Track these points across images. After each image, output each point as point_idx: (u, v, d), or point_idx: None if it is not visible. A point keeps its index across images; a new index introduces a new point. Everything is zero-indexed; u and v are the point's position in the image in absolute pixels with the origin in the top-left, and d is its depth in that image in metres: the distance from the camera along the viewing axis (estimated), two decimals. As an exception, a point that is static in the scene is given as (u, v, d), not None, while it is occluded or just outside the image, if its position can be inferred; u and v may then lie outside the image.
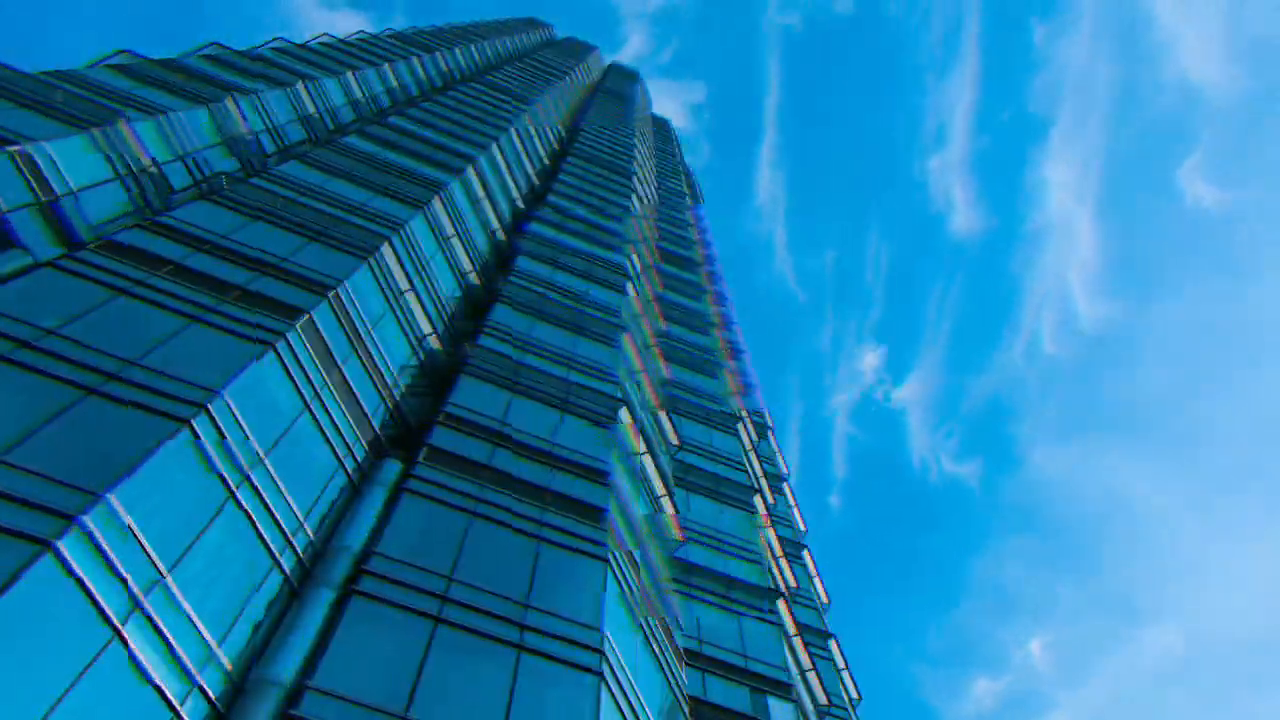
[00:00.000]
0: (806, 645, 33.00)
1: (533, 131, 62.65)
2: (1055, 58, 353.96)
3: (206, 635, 15.61)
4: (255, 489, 18.24)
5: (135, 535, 14.92)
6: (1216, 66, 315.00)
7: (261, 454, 18.83)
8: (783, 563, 36.62)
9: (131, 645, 14.14)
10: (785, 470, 51.90)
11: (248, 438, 18.60)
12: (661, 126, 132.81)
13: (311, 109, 44.20)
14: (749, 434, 45.23)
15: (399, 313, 28.04)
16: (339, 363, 23.35)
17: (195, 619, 15.51)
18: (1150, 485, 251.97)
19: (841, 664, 35.88)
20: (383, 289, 27.56)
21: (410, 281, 29.81)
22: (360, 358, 24.56)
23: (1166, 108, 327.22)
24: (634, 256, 49.56)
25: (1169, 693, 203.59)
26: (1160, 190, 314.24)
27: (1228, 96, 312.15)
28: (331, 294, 24.20)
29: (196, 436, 17.19)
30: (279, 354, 20.85)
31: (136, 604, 14.50)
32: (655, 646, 22.18)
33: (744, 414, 47.13)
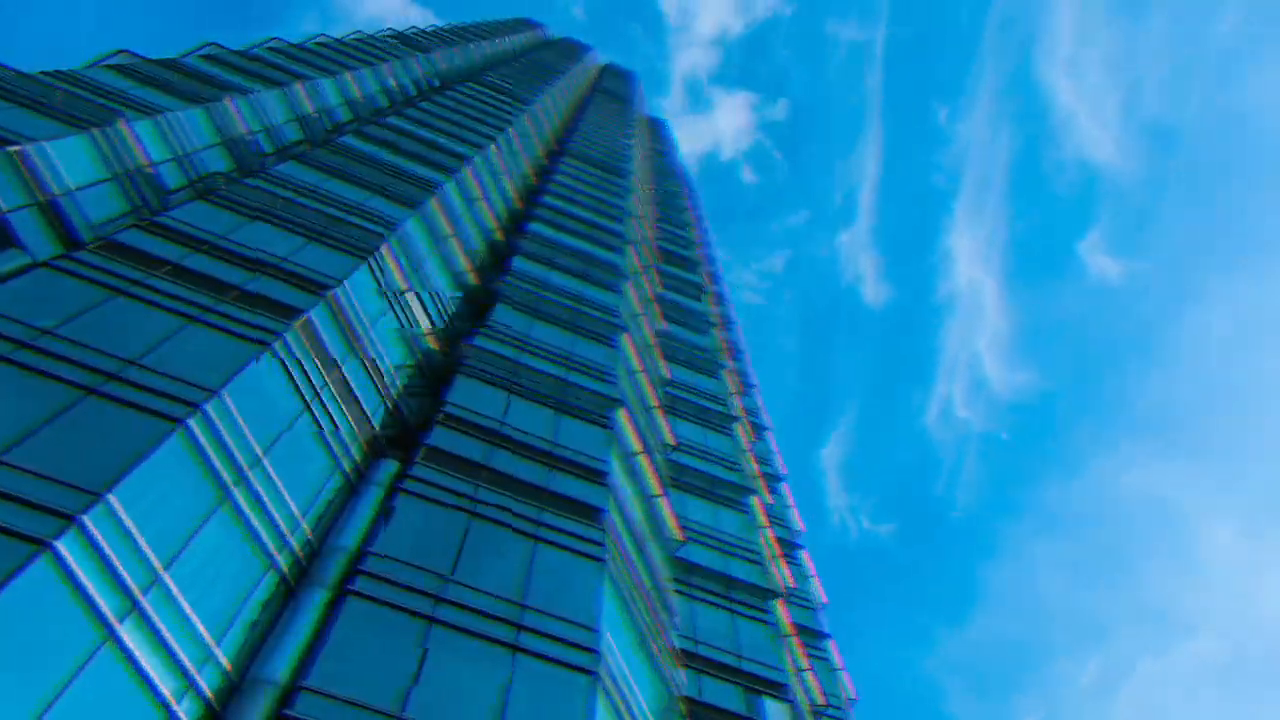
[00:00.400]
0: (804, 645, 33.07)
1: (530, 131, 62.70)
2: (956, 136, 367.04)
3: (204, 634, 15.66)
4: (253, 489, 18.29)
5: (133, 535, 14.97)
6: (1113, 145, 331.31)
7: (259, 454, 18.88)
8: (780, 563, 36.68)
9: (128, 644, 14.18)
10: (783, 471, 51.94)
11: (246, 438, 18.65)
12: (657, 127, 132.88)
13: (309, 109, 44.24)
14: (746, 434, 45.30)
15: (397, 312, 28.08)
16: (337, 363, 23.40)
17: (193, 618, 15.56)
18: (1180, 494, 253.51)
19: (838, 664, 35.93)
20: (380, 289, 27.61)
21: (408, 281, 29.85)
22: (358, 358, 24.61)
23: (1066, 183, 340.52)
24: (633, 256, 49.62)
25: (1206, 704, 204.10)
26: (1063, 262, 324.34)
27: (1125, 174, 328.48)
28: (329, 294, 24.24)
29: (194, 436, 17.24)
30: (276, 355, 20.90)
31: (133, 603, 14.55)
32: (652, 647, 22.24)
33: (741, 414, 47.20)
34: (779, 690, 25.19)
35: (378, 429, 24.45)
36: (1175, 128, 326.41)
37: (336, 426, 22.37)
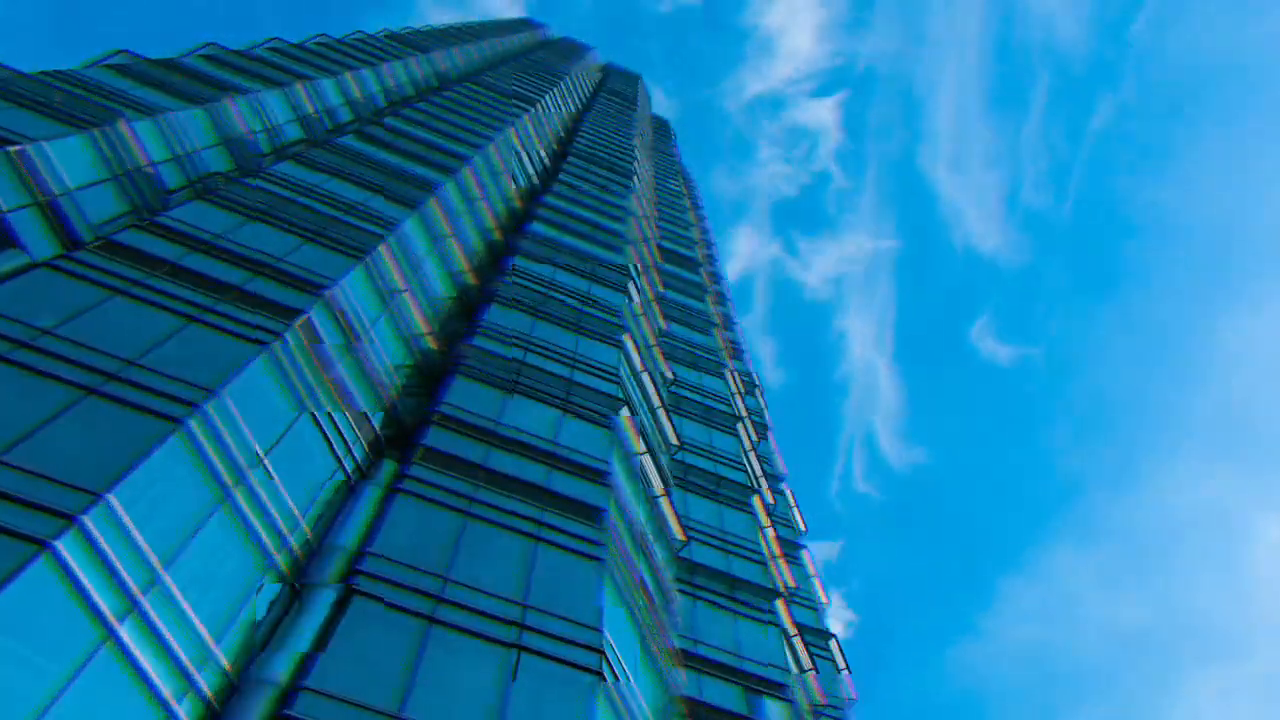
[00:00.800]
0: (806, 645, 33.03)
1: (531, 131, 62.70)
2: (843, 225, 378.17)
3: (203, 634, 15.65)
4: (252, 489, 18.28)
5: (133, 535, 14.96)
6: (998, 236, 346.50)
7: (258, 453, 18.87)
8: (781, 563, 36.65)
9: (128, 644, 14.17)
10: (784, 471, 51.91)
11: (245, 438, 18.63)
12: (661, 126, 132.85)
13: (308, 109, 44.24)
14: (749, 434, 45.26)
15: (394, 313, 28.07)
16: (335, 363, 23.39)
17: (192, 618, 15.54)
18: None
19: (841, 664, 35.90)
20: (378, 289, 27.59)
21: (406, 281, 29.84)
22: (356, 358, 24.60)
23: (954, 272, 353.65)
24: (634, 256, 49.60)
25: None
26: (954, 346, 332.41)
27: (1010, 262, 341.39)
28: (327, 294, 24.23)
29: (194, 437, 17.23)
30: (275, 355, 20.89)
31: (133, 603, 14.54)
32: (652, 647, 22.22)
33: (744, 414, 47.15)
34: (779, 690, 25.16)
35: (376, 429, 24.44)
36: (1055, 218, 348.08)
37: (335, 426, 22.36)
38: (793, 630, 31.61)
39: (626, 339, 36.56)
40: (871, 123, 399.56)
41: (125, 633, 14.23)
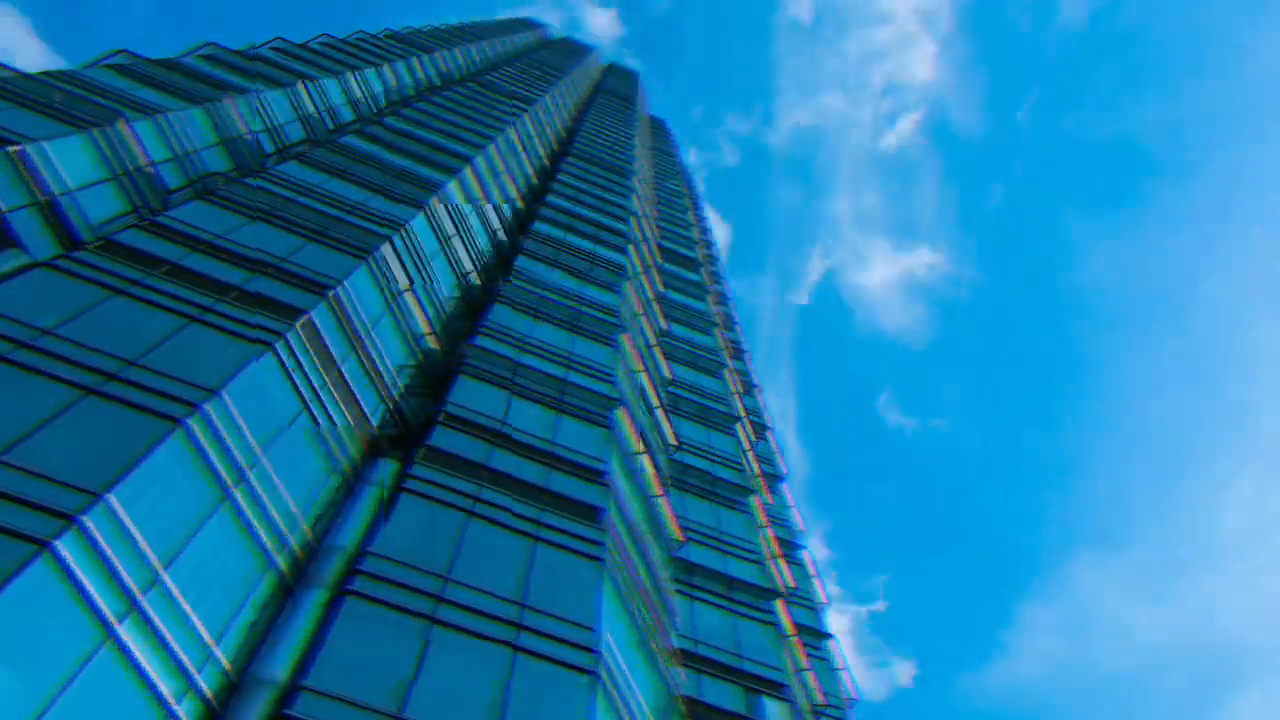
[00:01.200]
0: (804, 645, 33.05)
1: (532, 131, 62.71)
2: (745, 301, 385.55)
3: (203, 634, 15.67)
4: (252, 489, 18.30)
5: (133, 535, 14.98)
6: (900, 315, 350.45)
7: (259, 453, 18.88)
8: (780, 563, 36.66)
9: (128, 644, 14.19)
10: (784, 471, 51.90)
11: (245, 438, 18.65)
12: (660, 127, 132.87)
13: (310, 109, 44.25)
14: (747, 434, 45.27)
15: (398, 313, 28.08)
16: (338, 362, 23.40)
17: (192, 618, 15.56)
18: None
19: (839, 663, 35.91)
20: (381, 289, 27.60)
21: (410, 281, 29.85)
22: (359, 358, 24.61)
23: (859, 348, 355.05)
24: (635, 256, 49.60)
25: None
26: (862, 420, 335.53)
27: (913, 341, 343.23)
28: (330, 294, 24.24)
29: (194, 437, 17.24)
30: (277, 354, 20.90)
31: (133, 603, 14.56)
32: (651, 646, 22.24)
33: (743, 414, 47.17)
34: (778, 690, 25.18)
35: (377, 429, 24.45)
36: (955, 299, 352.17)
37: (335, 426, 22.37)
38: (791, 630, 31.64)
39: (624, 339, 36.57)
40: (774, 198, 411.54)
41: (125, 633, 14.25)
